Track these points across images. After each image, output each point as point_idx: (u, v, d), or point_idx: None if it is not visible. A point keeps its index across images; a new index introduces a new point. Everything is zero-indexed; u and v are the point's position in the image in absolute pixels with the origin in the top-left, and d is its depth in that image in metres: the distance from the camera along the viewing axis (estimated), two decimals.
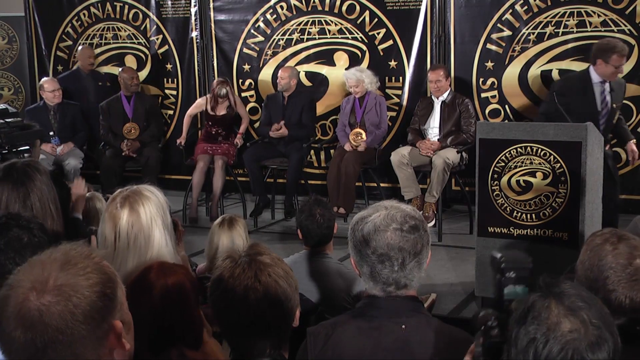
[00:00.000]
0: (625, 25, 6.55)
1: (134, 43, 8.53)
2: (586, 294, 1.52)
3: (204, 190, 7.76)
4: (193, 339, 2.07)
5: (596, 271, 2.01)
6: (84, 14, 8.70)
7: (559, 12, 6.75)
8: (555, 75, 6.78)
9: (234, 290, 1.91)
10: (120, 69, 7.95)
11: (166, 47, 8.34)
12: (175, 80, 8.37)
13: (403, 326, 2.05)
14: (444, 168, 6.38)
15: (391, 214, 2.06)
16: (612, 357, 1.47)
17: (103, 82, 8.36)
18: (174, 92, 8.39)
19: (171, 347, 2.00)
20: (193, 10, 8.14)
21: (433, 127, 6.79)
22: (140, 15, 8.42)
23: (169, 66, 8.36)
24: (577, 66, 6.69)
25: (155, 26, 8.37)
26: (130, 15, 8.47)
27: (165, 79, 8.40)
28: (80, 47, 8.39)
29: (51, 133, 7.47)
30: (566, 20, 6.74)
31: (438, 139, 6.69)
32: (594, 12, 6.63)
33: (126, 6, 8.47)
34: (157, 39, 8.37)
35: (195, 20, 8.14)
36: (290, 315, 1.97)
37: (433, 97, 6.84)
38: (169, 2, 8.25)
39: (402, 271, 2.03)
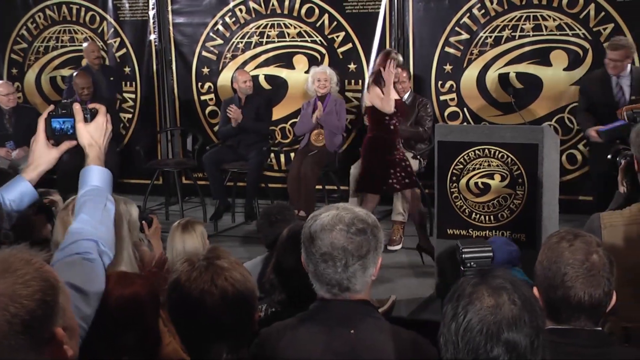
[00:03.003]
0: (580, 30, 6.66)
1: None
2: (517, 280, 1.59)
3: (162, 195, 7.70)
4: (147, 351, 2.05)
5: (554, 269, 2.02)
6: (39, 16, 8.55)
7: (516, 16, 6.84)
8: (512, 78, 6.87)
9: (190, 294, 1.89)
10: (74, 73, 7.81)
11: (124, 50, 8.25)
12: (133, 83, 8.28)
13: (352, 331, 2.03)
14: None
15: (340, 214, 2.05)
16: (533, 343, 1.51)
17: (115, 77, 8.13)
18: (133, 96, 8.29)
19: (124, 357, 1.98)
20: (151, 13, 8.06)
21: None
22: (98, 18, 8.31)
23: (127, 69, 8.27)
24: (534, 69, 6.80)
25: (112, 29, 8.26)
26: (87, 18, 8.35)
27: (123, 82, 8.29)
28: (85, 44, 8.06)
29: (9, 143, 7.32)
30: (522, 24, 6.83)
31: None
32: (550, 16, 6.73)
33: (83, 8, 8.35)
34: (115, 42, 8.27)
35: (154, 23, 8.06)
36: (249, 320, 1.96)
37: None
38: (127, 5, 8.16)
39: (345, 273, 2.01)
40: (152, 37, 8.11)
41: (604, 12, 6.57)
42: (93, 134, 2.13)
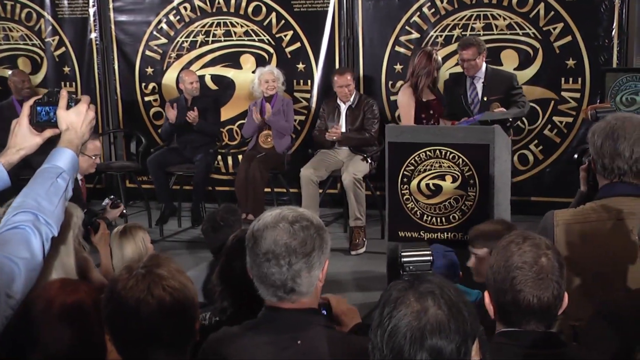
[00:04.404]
0: (530, 29, 6.75)
1: (27, 44, 8.23)
2: (447, 283, 1.59)
3: (104, 199, 7.55)
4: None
5: (503, 273, 2.03)
6: None
7: (466, 15, 6.91)
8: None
9: (126, 304, 1.84)
10: (10, 72, 7.64)
11: (63, 49, 8.09)
12: (74, 83, 8.14)
13: (299, 341, 2.01)
14: (354, 185, 6.36)
15: (284, 213, 2.03)
16: (459, 348, 1.51)
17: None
18: (73, 96, 8.11)
19: None
20: (92, 10, 7.92)
21: (337, 127, 6.73)
22: (34, 15, 8.12)
23: (66, 69, 8.12)
24: None
25: (50, 27, 8.10)
26: (23, 15, 8.16)
27: (62, 82, 8.14)
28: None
29: None
30: (473, 23, 6.89)
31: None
32: (500, 15, 6.81)
33: (18, 5, 8.16)
34: (54, 40, 8.11)
35: (94, 20, 7.94)
36: (188, 330, 1.92)
37: (340, 101, 6.79)
38: (65, 2, 8.01)
39: (289, 271, 1.98)
40: (93, 35, 7.97)
41: (553, 12, 6.67)
42: (72, 119, 2.14)
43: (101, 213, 4.91)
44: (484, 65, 5.85)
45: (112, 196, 5.23)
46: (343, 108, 6.77)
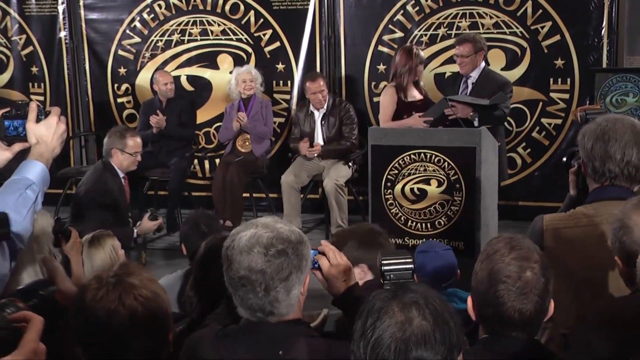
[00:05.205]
0: (517, 28, 6.79)
1: None
2: (431, 293, 1.60)
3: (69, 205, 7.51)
4: None
5: (486, 284, 2.06)
6: None
7: (451, 14, 6.93)
8: (449, 78, 6.93)
9: (96, 315, 1.82)
10: None
11: (31, 48, 8.03)
12: (42, 84, 8.08)
13: (280, 352, 2.01)
14: (336, 191, 6.35)
15: (258, 234, 2.00)
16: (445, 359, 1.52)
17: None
18: (41, 98, 8.07)
19: None
20: (61, 7, 7.87)
21: (316, 144, 6.69)
22: (0, 13, 8.06)
23: (34, 69, 8.06)
24: None
25: (17, 25, 8.04)
26: None
27: (30, 83, 8.09)
28: None
29: None
30: (459, 22, 6.91)
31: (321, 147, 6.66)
32: (486, 14, 6.84)
33: None
34: (20, 39, 8.05)
35: (64, 18, 7.88)
36: (161, 341, 1.90)
37: (313, 108, 6.74)
38: None
39: (266, 297, 1.98)
40: (63, 34, 7.92)
41: (541, 10, 6.71)
42: (42, 132, 2.16)
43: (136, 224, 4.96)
44: (482, 65, 5.78)
45: (152, 208, 5.29)
46: (317, 116, 6.73)
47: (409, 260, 2.09)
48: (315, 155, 6.60)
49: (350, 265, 2.30)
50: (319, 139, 6.71)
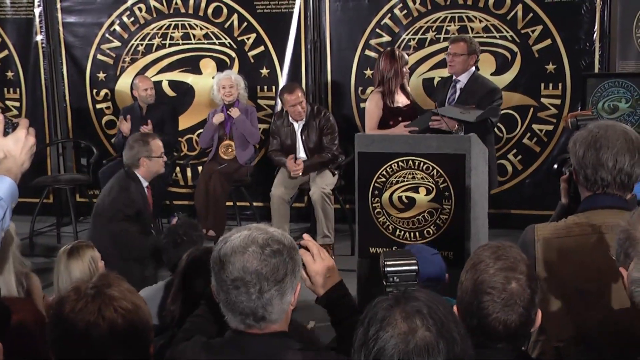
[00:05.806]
0: (507, 32, 6.83)
1: None
2: (436, 301, 1.61)
3: (53, 215, 7.48)
4: None
5: (471, 294, 2.08)
6: None
7: (440, 17, 6.96)
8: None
9: (74, 327, 1.82)
10: None
11: (6, 52, 8.01)
12: (17, 90, 8.06)
13: None
14: (323, 199, 6.35)
15: (253, 235, 2.02)
16: None
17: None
18: (17, 104, 8.05)
19: None
20: (37, 10, 7.85)
21: (299, 158, 6.65)
22: None
23: (9, 74, 8.03)
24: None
25: None
26: None
27: (5, 89, 8.06)
28: None
29: None
30: (447, 26, 6.95)
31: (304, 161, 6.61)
32: (476, 17, 6.87)
33: None
34: None
35: (40, 22, 7.86)
36: (141, 354, 1.90)
37: (292, 120, 6.68)
38: (7, 1, 7.93)
39: (260, 300, 1.98)
40: (39, 37, 7.90)
41: (532, 14, 6.75)
42: (10, 146, 2.12)
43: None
44: (472, 70, 5.82)
45: (179, 212, 5.27)
46: (297, 127, 6.68)
47: (413, 262, 2.08)
48: (300, 174, 6.57)
49: (333, 262, 2.31)
50: (301, 152, 6.67)
